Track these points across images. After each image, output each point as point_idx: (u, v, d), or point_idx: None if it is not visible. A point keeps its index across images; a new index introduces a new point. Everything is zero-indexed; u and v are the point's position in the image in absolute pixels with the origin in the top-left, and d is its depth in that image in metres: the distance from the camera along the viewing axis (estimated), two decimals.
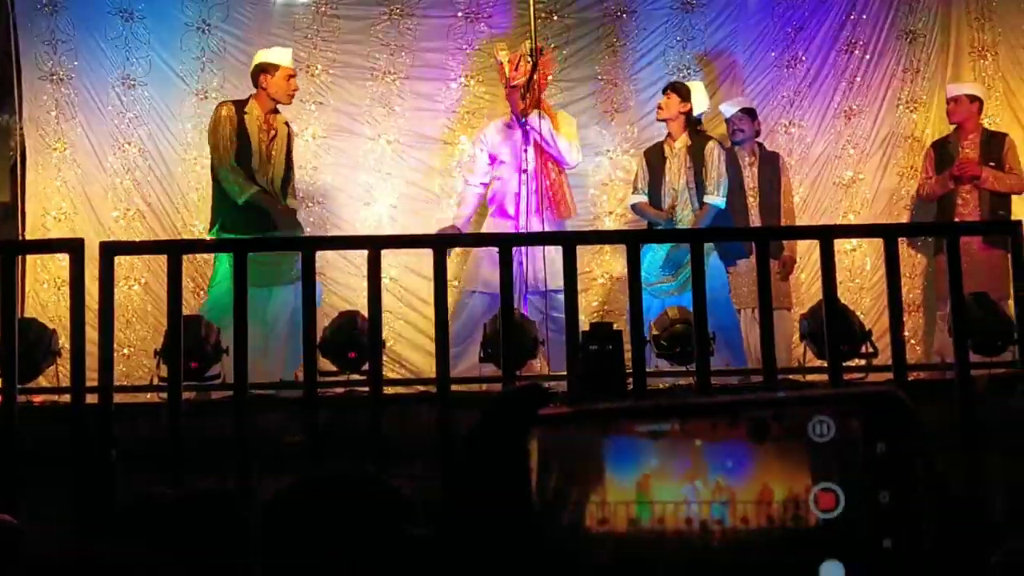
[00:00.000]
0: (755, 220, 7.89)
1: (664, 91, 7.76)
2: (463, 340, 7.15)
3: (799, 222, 8.27)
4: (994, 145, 8.09)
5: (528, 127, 7.58)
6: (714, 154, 7.49)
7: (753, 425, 1.12)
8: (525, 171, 7.53)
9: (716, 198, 7.43)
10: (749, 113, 8.15)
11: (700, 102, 7.70)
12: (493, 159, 7.83)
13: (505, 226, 7.57)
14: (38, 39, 8.53)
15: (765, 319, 5.78)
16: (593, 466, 1.14)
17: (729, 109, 8.17)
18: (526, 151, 7.57)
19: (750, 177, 7.99)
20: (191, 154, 8.61)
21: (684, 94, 7.61)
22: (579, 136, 7.96)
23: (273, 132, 7.40)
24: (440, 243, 5.98)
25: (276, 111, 7.49)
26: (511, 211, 7.56)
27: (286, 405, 6.19)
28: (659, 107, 7.72)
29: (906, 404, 1.17)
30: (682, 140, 7.59)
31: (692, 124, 7.63)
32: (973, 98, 8.18)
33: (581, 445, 1.15)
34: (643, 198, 7.67)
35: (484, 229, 7.84)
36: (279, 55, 7.53)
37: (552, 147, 7.57)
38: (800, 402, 1.16)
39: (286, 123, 7.57)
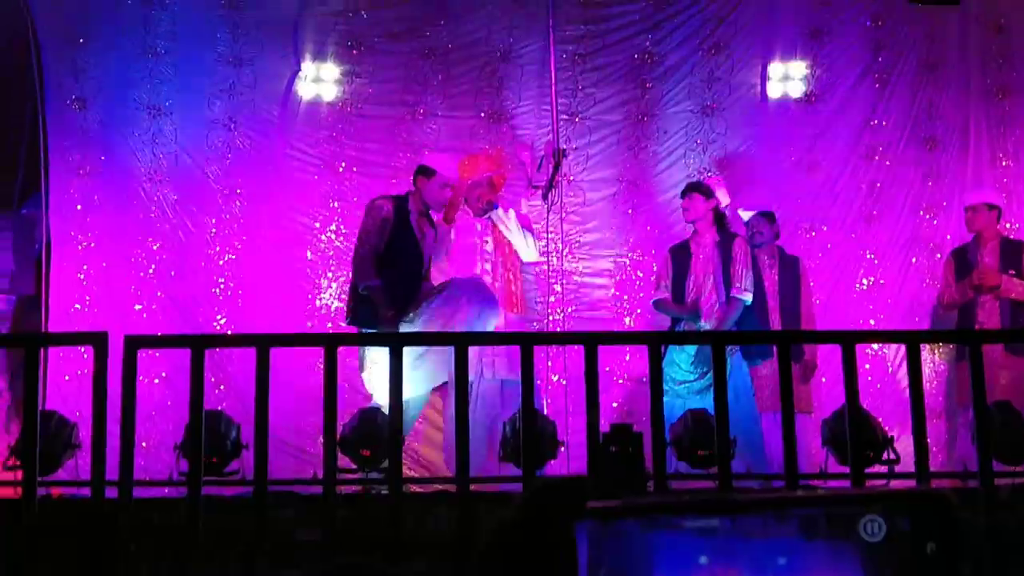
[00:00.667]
0: (775, 324, 7.88)
1: (684, 194, 7.79)
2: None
3: (819, 326, 8.26)
4: (1013, 253, 8.09)
5: (494, 218, 7.68)
6: (742, 249, 7.52)
7: (804, 521, 1.11)
8: (487, 262, 7.59)
9: (743, 293, 7.44)
10: (767, 216, 8.19)
11: (722, 197, 7.76)
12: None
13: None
14: (67, 134, 8.64)
15: (787, 423, 5.75)
16: (643, 563, 1.13)
17: (747, 212, 8.21)
18: (486, 243, 7.64)
19: (770, 281, 8.00)
20: (215, 248, 8.68)
21: (707, 192, 7.66)
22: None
23: (422, 234, 7.46)
24: (461, 341, 5.98)
25: (427, 214, 7.57)
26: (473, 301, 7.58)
27: (305, 502, 6.16)
28: (684, 209, 7.74)
29: (955, 505, 1.17)
30: (709, 236, 7.63)
31: (719, 220, 7.67)
32: (991, 206, 8.20)
33: (631, 540, 1.14)
34: (666, 294, 7.69)
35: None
36: (439, 161, 7.65)
37: (518, 237, 7.63)
38: (851, 500, 1.15)
39: (434, 227, 7.66)
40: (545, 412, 6.97)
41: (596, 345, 5.87)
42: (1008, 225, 8.60)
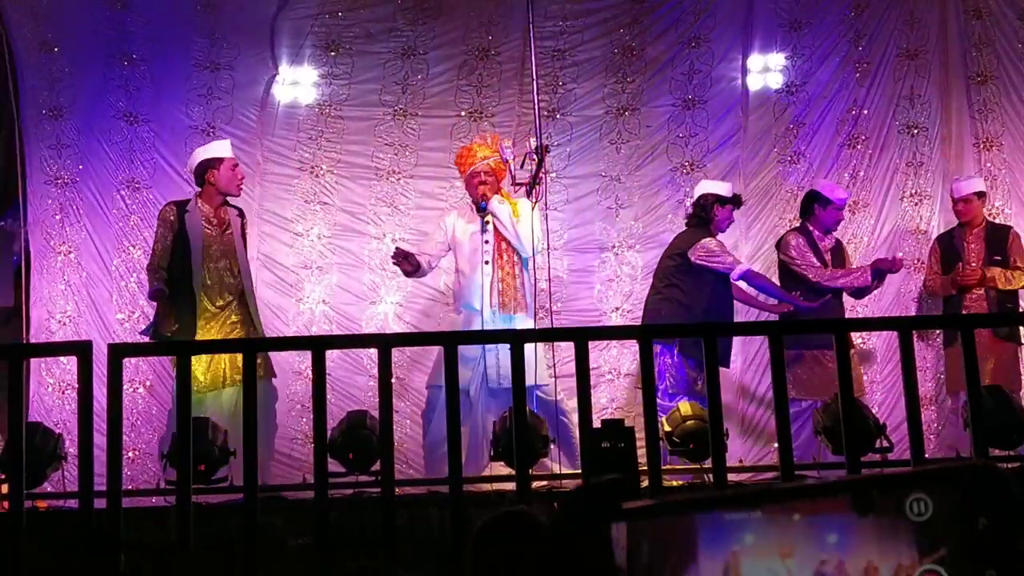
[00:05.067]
0: None
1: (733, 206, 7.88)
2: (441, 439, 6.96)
3: None
4: (999, 238, 8.10)
5: (489, 212, 7.50)
6: None
7: (857, 497, 1.06)
8: (487, 263, 7.43)
9: None
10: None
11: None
12: (450, 248, 7.71)
13: (471, 319, 7.39)
14: (43, 144, 8.55)
15: (781, 413, 5.72)
16: (687, 546, 1.08)
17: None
18: (487, 242, 7.48)
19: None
20: None
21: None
22: (540, 225, 7.76)
23: (226, 224, 7.39)
24: (451, 340, 5.93)
25: (226, 203, 7.48)
26: (476, 304, 7.38)
27: (296, 507, 6.10)
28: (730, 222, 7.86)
29: (1005, 477, 1.12)
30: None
31: None
32: (980, 194, 8.20)
33: (673, 525, 1.09)
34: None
35: (448, 325, 7.64)
36: (220, 148, 7.55)
37: (511, 234, 7.47)
38: (893, 481, 1.10)
39: (239, 214, 7.57)
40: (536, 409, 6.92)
41: (586, 341, 5.83)
42: (989, 210, 8.58)
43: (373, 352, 6.62)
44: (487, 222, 7.48)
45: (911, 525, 1.09)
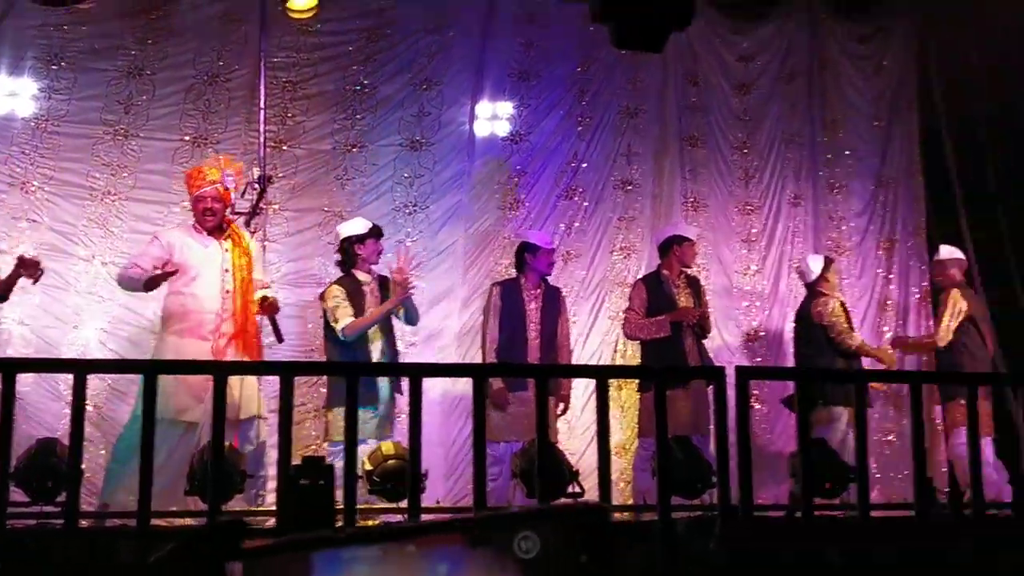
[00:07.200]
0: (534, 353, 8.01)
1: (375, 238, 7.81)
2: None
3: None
4: (696, 288, 8.48)
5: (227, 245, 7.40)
6: None
7: (470, 532, 1.10)
8: (229, 292, 7.25)
9: None
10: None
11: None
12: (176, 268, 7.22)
13: (201, 348, 7.04)
14: None
15: (478, 452, 5.80)
16: None
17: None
18: (228, 271, 7.29)
19: (535, 310, 8.10)
20: None
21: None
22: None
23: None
24: (152, 369, 5.79)
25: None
26: (209, 331, 7.15)
27: None
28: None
29: (605, 517, 1.17)
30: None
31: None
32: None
33: (289, 563, 1.10)
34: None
35: (167, 350, 7.13)
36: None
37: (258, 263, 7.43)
38: (504, 520, 1.14)
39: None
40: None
41: (291, 376, 5.80)
42: (695, 269, 8.91)
43: (71, 378, 6.36)
44: (226, 249, 7.28)
45: (518, 561, 1.13)
